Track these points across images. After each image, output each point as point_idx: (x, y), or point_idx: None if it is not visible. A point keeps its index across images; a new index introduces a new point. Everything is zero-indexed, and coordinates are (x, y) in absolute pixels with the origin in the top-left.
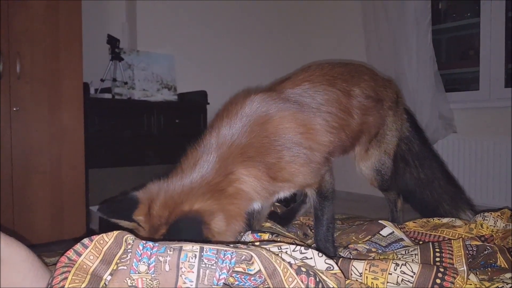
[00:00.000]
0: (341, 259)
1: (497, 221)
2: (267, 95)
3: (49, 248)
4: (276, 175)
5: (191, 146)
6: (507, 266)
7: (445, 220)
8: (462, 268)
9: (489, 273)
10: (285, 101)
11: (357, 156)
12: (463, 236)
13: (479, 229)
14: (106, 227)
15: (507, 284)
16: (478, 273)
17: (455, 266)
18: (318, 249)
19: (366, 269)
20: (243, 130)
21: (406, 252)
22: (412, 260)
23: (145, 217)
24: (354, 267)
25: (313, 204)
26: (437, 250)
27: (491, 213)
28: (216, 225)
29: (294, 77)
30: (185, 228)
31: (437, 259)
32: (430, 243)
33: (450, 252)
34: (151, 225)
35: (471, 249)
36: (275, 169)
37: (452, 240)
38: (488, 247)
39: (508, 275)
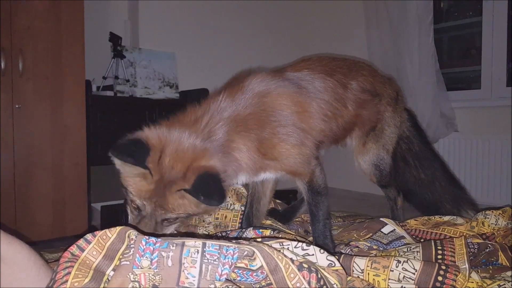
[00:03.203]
0: (343, 255)
1: (499, 219)
2: (268, 73)
3: (50, 244)
4: (267, 151)
5: (191, 105)
6: (508, 264)
7: (446, 218)
8: (464, 266)
9: (490, 271)
10: (285, 80)
11: (355, 150)
12: (464, 234)
13: (481, 227)
14: (107, 224)
15: (508, 282)
16: (479, 271)
17: (457, 264)
18: (317, 245)
19: (367, 266)
20: (244, 102)
21: (408, 249)
22: (414, 257)
23: (155, 165)
24: (356, 263)
25: (306, 200)
26: (439, 248)
27: (492, 211)
28: (224, 182)
29: (294, 64)
30: (210, 184)
31: (439, 256)
32: (432, 241)
33: (452, 250)
34: (162, 175)
35: (472, 247)
36: (267, 145)
37: (454, 238)
38: (489, 245)
39: (509, 273)
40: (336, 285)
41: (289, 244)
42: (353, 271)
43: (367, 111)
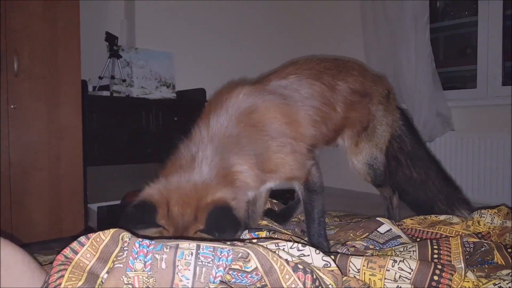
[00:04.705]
0: (339, 255)
1: (494, 218)
2: (252, 87)
3: (47, 245)
4: (265, 165)
5: (181, 141)
6: (504, 263)
7: (442, 217)
8: (460, 266)
9: (486, 270)
10: (270, 93)
11: (348, 150)
12: (460, 233)
13: (476, 226)
14: (104, 225)
15: (504, 281)
16: (475, 270)
17: (452, 263)
18: (311, 244)
19: (364, 265)
20: (231, 121)
21: (404, 249)
22: (410, 256)
23: (166, 220)
24: (352, 263)
25: (302, 199)
26: (435, 247)
27: (488, 210)
28: (236, 206)
29: (280, 70)
30: (222, 218)
31: (435, 255)
32: (428, 240)
33: (448, 249)
34: (175, 226)
35: (468, 246)
36: (263, 159)
37: (450, 238)
38: (485, 244)
39: (505, 271)
40: (332, 285)
41: (284, 245)
42: (349, 270)
43: (357, 112)
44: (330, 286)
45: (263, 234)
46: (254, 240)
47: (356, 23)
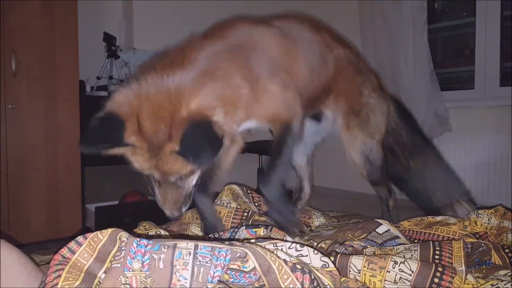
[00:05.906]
0: (339, 255)
1: (491, 218)
2: (253, 22)
3: (45, 246)
4: (252, 84)
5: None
6: (501, 263)
7: (439, 218)
8: (461, 268)
9: (484, 271)
10: (270, 26)
11: (342, 134)
12: (457, 234)
13: (473, 226)
14: (102, 225)
15: (501, 281)
16: (473, 271)
17: (453, 265)
18: (270, 182)
19: (364, 266)
20: (226, 45)
21: (405, 248)
22: (411, 256)
23: (138, 135)
24: (353, 264)
25: (276, 142)
26: (437, 249)
27: (484, 211)
28: (218, 118)
29: (282, 15)
30: (198, 140)
31: (436, 257)
32: (431, 242)
33: (450, 252)
34: (150, 142)
35: (466, 246)
36: (256, 86)
37: (453, 241)
38: (482, 244)
39: (502, 272)
40: (330, 286)
41: (283, 245)
42: (349, 271)
43: (347, 84)
44: (328, 286)
45: (261, 231)
46: (252, 240)
47: (354, 24)
